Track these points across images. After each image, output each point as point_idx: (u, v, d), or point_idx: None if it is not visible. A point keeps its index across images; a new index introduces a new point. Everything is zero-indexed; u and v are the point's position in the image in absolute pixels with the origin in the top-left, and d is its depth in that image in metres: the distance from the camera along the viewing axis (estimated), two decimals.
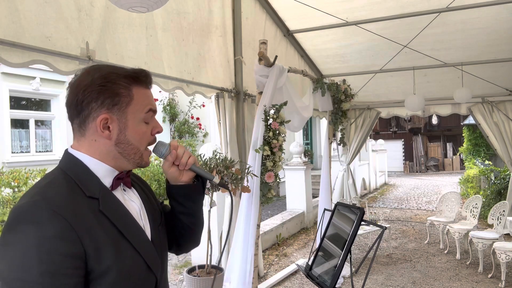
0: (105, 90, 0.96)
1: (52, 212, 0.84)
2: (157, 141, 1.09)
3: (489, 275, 4.86)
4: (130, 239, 0.95)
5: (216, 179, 1.15)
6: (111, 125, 0.97)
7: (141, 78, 1.02)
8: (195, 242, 1.27)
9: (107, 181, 0.99)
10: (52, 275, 0.81)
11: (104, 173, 0.99)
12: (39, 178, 6.07)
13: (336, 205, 2.50)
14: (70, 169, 0.97)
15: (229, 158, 3.06)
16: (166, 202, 1.28)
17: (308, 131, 14.52)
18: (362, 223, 2.17)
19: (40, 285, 0.80)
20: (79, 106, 0.96)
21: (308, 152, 13.75)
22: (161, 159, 1.14)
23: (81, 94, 0.96)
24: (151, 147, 1.08)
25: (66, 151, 1.02)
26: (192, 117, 10.75)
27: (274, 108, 3.43)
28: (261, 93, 3.46)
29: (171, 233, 1.20)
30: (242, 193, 3.29)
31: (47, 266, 0.81)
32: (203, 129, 10.84)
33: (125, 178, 1.05)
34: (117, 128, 0.98)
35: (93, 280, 0.89)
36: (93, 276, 0.88)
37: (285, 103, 3.49)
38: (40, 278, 0.80)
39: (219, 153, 3.05)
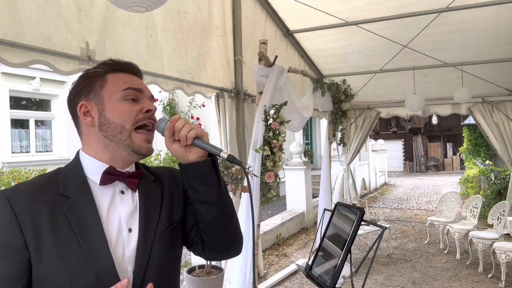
0: (82, 83, 1.01)
1: (5, 200, 0.90)
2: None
3: (489, 275, 4.86)
4: (83, 245, 0.90)
5: (224, 154, 0.98)
6: (92, 111, 0.99)
7: (118, 65, 1.03)
8: (226, 245, 1.09)
9: (97, 178, 0.98)
10: None
11: (95, 169, 0.98)
12: None
13: (336, 205, 2.50)
14: (67, 166, 1.01)
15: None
16: None
17: (308, 131, 14.52)
18: (362, 223, 2.17)
19: None
20: (70, 108, 1.03)
21: (308, 152, 13.75)
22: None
23: (69, 96, 1.04)
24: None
25: (77, 151, 1.05)
26: (192, 117, 10.74)
27: (274, 108, 3.43)
28: (261, 93, 3.46)
29: (196, 230, 1.09)
30: (242, 193, 3.29)
31: None
32: (203, 129, 10.83)
33: (127, 179, 0.99)
34: (97, 112, 0.99)
35: (35, 280, 0.89)
36: (35, 275, 0.89)
37: (285, 103, 3.49)
38: None
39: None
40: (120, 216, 0.97)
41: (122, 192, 1.00)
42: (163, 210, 1.04)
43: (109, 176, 0.97)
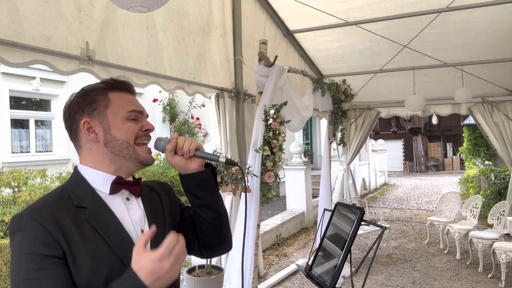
0: (83, 100, 1.07)
1: (31, 219, 0.93)
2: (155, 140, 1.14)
3: (489, 275, 4.86)
4: (113, 247, 0.98)
5: (222, 158, 1.14)
6: (95, 128, 1.05)
7: (117, 84, 1.10)
8: (223, 243, 1.24)
9: (105, 188, 1.05)
10: (35, 271, 0.89)
11: (101, 181, 1.05)
12: (39, 178, 6.05)
13: (336, 205, 2.50)
14: (70, 182, 1.07)
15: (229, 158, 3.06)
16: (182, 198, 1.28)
17: (308, 131, 14.52)
18: (362, 223, 2.17)
19: (27, 281, 0.88)
20: (69, 122, 1.08)
21: (308, 152, 13.75)
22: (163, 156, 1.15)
23: (68, 110, 1.08)
24: (150, 144, 1.14)
25: (75, 167, 1.11)
26: (192, 117, 10.74)
27: (274, 108, 3.43)
28: (261, 93, 3.46)
29: (192, 232, 1.21)
30: (242, 193, 3.29)
31: (30, 264, 0.89)
32: (203, 129, 10.83)
33: (131, 186, 1.09)
34: (102, 130, 1.05)
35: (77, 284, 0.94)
36: (75, 279, 0.93)
37: (285, 103, 3.49)
38: (26, 275, 0.89)
39: (219, 153, 3.05)
40: (132, 220, 1.06)
41: (128, 199, 1.09)
42: (165, 213, 1.16)
43: (117, 186, 1.06)
